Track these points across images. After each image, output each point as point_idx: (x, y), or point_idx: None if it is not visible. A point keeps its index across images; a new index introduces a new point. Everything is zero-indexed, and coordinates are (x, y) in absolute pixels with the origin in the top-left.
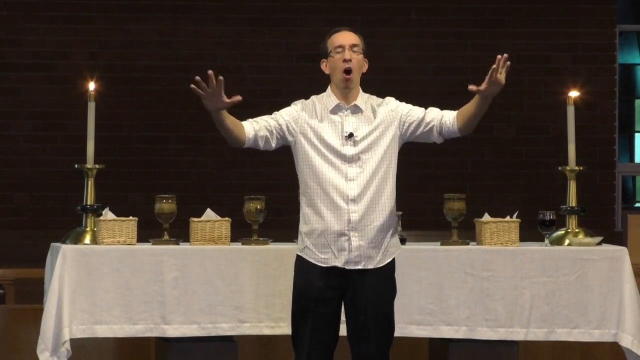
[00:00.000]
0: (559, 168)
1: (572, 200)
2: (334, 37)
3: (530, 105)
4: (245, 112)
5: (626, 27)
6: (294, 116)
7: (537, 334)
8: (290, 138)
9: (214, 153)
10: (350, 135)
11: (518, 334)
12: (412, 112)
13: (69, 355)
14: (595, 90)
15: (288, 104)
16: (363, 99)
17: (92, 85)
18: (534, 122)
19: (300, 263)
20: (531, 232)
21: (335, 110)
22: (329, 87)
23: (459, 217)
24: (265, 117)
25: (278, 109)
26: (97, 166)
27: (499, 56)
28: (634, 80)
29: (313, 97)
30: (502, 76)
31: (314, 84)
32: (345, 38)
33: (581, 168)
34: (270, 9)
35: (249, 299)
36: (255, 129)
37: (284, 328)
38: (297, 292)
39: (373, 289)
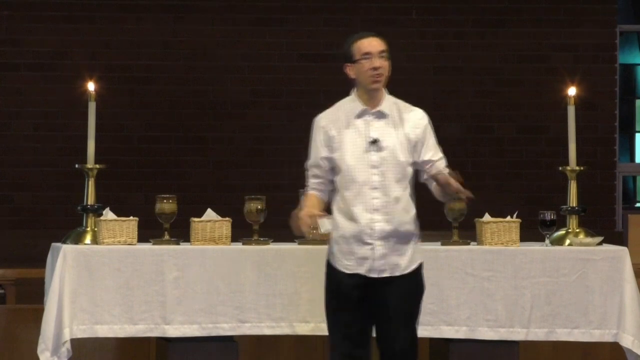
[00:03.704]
0: (560, 168)
1: (573, 200)
2: (361, 44)
3: (530, 105)
4: (246, 112)
5: (627, 27)
6: (325, 140)
7: (537, 334)
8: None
9: (214, 153)
10: (375, 141)
11: (518, 334)
12: (426, 149)
13: (70, 356)
14: (596, 90)
15: (288, 104)
16: (388, 104)
17: (92, 85)
18: (534, 122)
19: (328, 268)
20: (532, 232)
21: (360, 115)
22: (353, 92)
23: (460, 217)
24: (314, 172)
25: (278, 108)
26: (97, 166)
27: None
28: (635, 80)
29: (337, 104)
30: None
31: (314, 84)
32: (373, 45)
33: (582, 168)
34: (270, 9)
35: (250, 299)
36: (323, 189)
37: (285, 328)
38: (326, 297)
39: (399, 291)
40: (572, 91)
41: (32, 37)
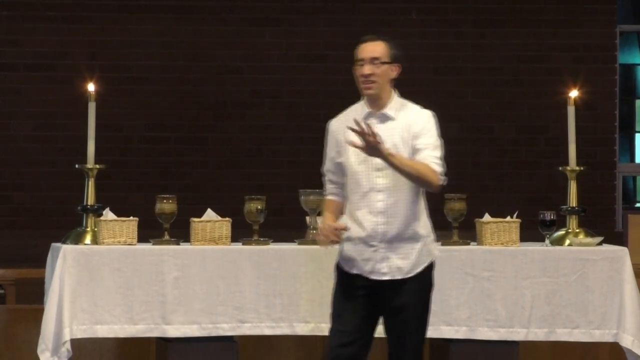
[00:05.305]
0: (560, 168)
1: (573, 200)
2: (358, 49)
3: (530, 105)
4: (246, 112)
5: (627, 27)
6: (333, 145)
7: (537, 334)
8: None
9: (214, 153)
10: None
11: (518, 334)
12: (418, 141)
13: (70, 356)
14: (596, 90)
15: (288, 104)
16: (395, 106)
17: (92, 86)
18: (534, 122)
19: (337, 267)
20: (532, 232)
21: (365, 119)
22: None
23: (460, 218)
24: (329, 178)
25: (278, 108)
26: (97, 166)
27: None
28: (635, 81)
29: (349, 108)
30: (371, 142)
31: (314, 84)
32: (365, 51)
33: (582, 168)
34: (270, 9)
35: (250, 299)
36: (339, 193)
37: (285, 328)
38: (333, 295)
39: (405, 295)
40: (572, 92)
41: (32, 37)
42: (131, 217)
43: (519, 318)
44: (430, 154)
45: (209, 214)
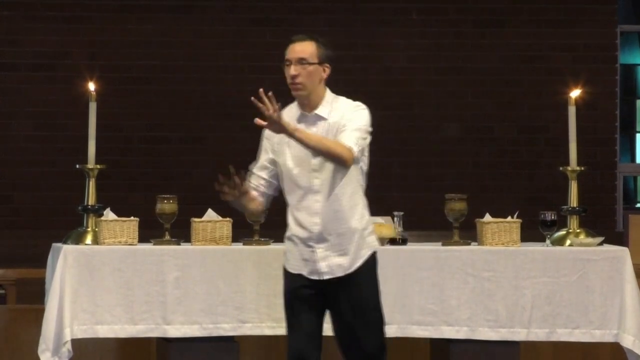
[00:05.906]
0: (560, 168)
1: (573, 200)
2: (287, 49)
3: (530, 105)
4: (246, 112)
5: (627, 28)
6: (269, 146)
7: (538, 334)
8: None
9: (214, 153)
10: None
11: (519, 335)
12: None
13: (70, 356)
14: (596, 90)
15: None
16: (327, 105)
17: (92, 86)
18: (534, 122)
19: (284, 268)
20: (532, 232)
21: (300, 120)
22: None
23: (460, 218)
24: (256, 173)
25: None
26: (98, 166)
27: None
28: (635, 81)
29: (286, 108)
30: (272, 115)
31: None
32: (292, 51)
33: (582, 168)
34: (270, 9)
35: (250, 299)
36: (262, 191)
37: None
38: (284, 294)
39: (352, 294)
40: (573, 92)
41: (32, 37)
42: (132, 217)
43: (519, 318)
44: (346, 134)
45: (210, 214)
